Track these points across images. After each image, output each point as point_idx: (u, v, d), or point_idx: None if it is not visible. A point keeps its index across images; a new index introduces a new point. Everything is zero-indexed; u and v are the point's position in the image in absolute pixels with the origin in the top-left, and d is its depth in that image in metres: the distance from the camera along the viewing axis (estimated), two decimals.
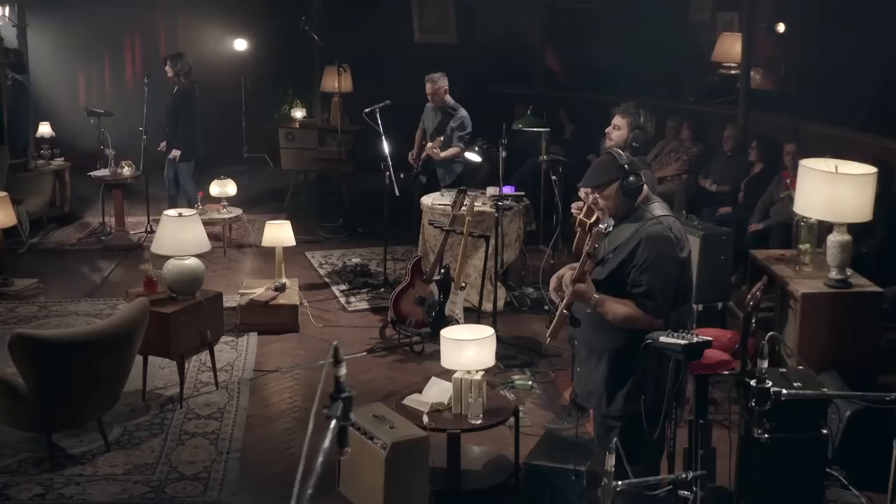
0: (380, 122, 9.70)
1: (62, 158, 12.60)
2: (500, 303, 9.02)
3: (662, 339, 4.31)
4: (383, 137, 9.66)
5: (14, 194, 11.42)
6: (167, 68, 11.47)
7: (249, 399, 7.28)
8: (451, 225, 8.29)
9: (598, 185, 4.83)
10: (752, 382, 3.24)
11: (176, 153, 11.61)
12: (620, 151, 4.89)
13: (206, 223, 10.86)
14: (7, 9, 13.72)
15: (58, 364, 5.86)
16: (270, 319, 8.57)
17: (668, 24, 13.26)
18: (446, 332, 5.80)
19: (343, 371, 2.81)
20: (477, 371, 5.69)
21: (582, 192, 5.44)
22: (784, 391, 3.15)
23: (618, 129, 6.63)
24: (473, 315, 8.40)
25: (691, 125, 11.62)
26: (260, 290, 8.76)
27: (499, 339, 8.07)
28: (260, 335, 8.51)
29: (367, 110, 9.85)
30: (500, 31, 13.91)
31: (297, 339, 8.48)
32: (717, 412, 6.71)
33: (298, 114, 13.96)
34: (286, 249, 9.22)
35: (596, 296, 4.67)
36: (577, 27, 14.45)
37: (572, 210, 6.76)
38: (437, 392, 5.92)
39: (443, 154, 9.59)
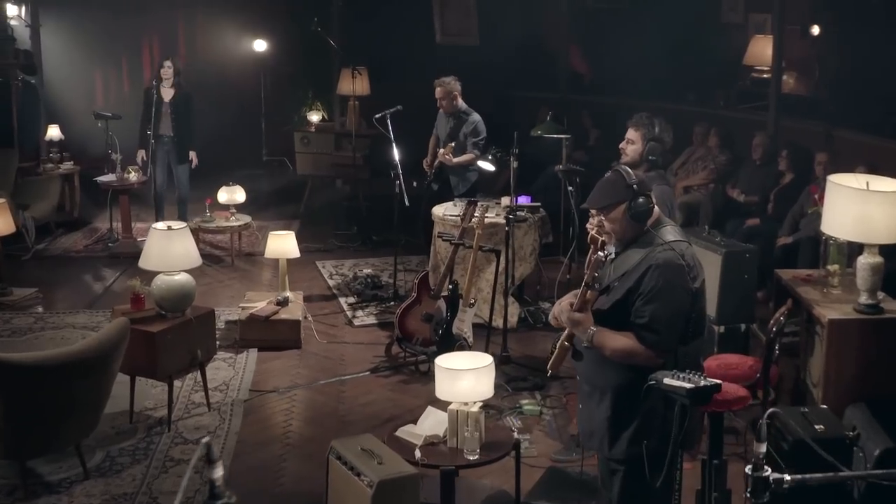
0: (390, 128, 9.29)
1: (71, 162, 12.28)
2: (514, 319, 8.62)
3: (667, 380, 3.89)
4: (394, 144, 9.27)
5: (20, 199, 11.19)
6: (167, 70, 11.10)
7: (242, 422, 6.89)
8: (461, 238, 7.88)
9: (604, 206, 4.41)
10: (748, 469, 2.80)
11: (194, 155, 11.34)
12: (629, 170, 4.45)
13: (213, 231, 10.68)
14: (23, 8, 13.46)
15: (28, 388, 5.50)
16: (271, 335, 8.19)
17: (699, 25, 12.82)
18: (441, 361, 5.39)
19: (219, 472, 2.34)
20: (474, 403, 5.28)
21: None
22: (787, 478, 2.70)
23: (632, 144, 6.18)
24: (484, 332, 8.00)
25: (719, 132, 11.13)
26: (261, 304, 8.39)
27: (509, 359, 7.75)
28: (260, 351, 8.13)
29: (377, 116, 9.46)
30: (524, 32, 13.48)
31: (298, 357, 8.10)
32: (736, 443, 6.28)
33: (315, 117, 13.59)
34: (296, 259, 8.87)
35: (592, 328, 4.26)
36: (605, 28, 13.96)
37: (587, 226, 6.34)
38: (432, 423, 5.51)
39: (456, 160, 9.17)
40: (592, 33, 14.21)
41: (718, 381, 3.84)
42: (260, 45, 15.54)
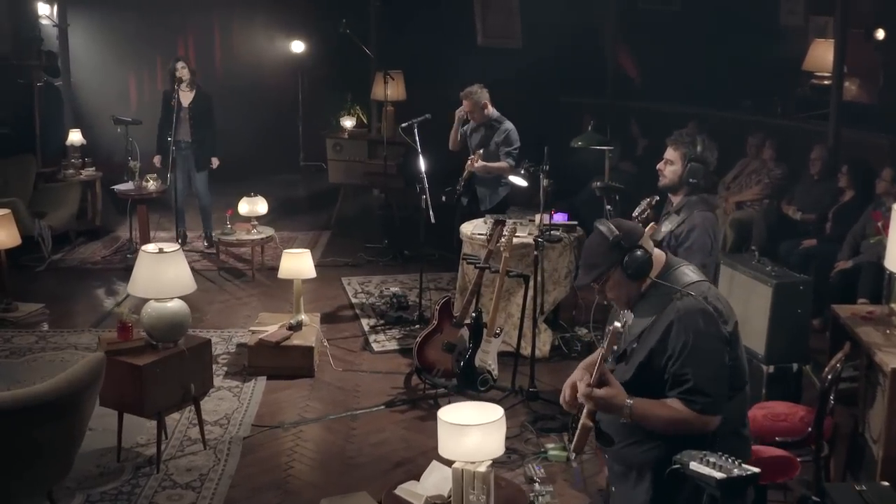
0: (417, 138, 8.65)
1: (93, 168, 11.76)
2: (546, 348, 7.97)
3: (694, 465, 3.23)
4: (421, 156, 8.62)
5: (37, 207, 10.76)
6: (182, 70, 10.55)
7: (239, 463, 6.27)
8: (487, 261, 7.23)
9: (596, 278, 3.77)
10: None
11: (216, 161, 10.81)
12: (609, 224, 3.77)
13: (233, 244, 10.10)
14: (55, 8, 13.01)
15: None
16: (282, 362, 7.58)
17: (756, 27, 12.07)
18: (444, 414, 4.73)
19: None
20: (481, 462, 4.62)
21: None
22: None
23: (671, 164, 5.53)
24: (512, 360, 7.34)
25: (775, 144, 10.35)
26: (273, 328, 7.78)
27: (537, 395, 7.08)
28: (270, 380, 7.53)
29: (403, 125, 8.83)
30: (569, 34, 12.78)
31: (310, 386, 7.48)
32: (784, 500, 5.58)
33: (348, 123, 12.95)
34: (321, 274, 8.31)
35: (629, 401, 3.59)
36: (655, 30, 13.22)
37: None
38: (437, 480, 4.88)
39: (489, 165, 8.51)
40: (641, 35, 13.47)
41: (756, 470, 3.17)
42: (297, 46, 15.04)
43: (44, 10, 12.90)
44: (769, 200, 10.01)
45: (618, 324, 3.57)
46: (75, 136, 11.68)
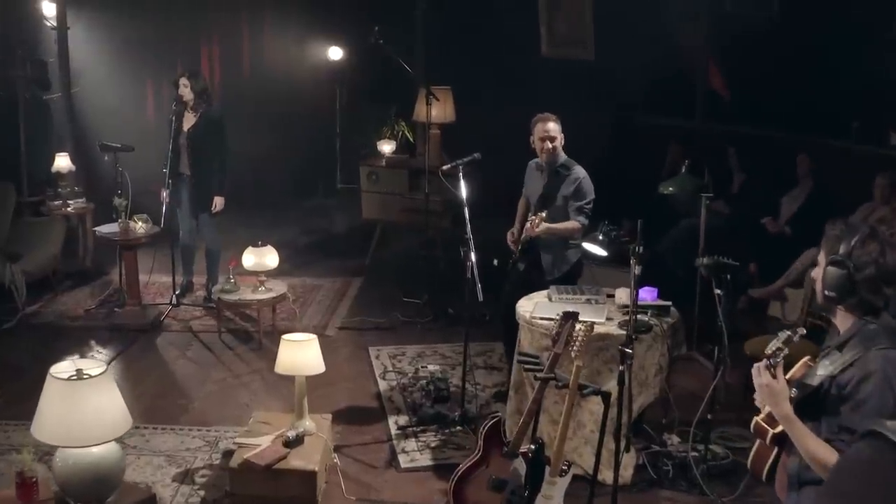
0: (463, 185, 6.68)
1: (83, 199, 9.94)
2: (629, 471, 5.98)
3: None
4: (466, 209, 6.63)
5: (12, 247, 9.08)
6: (184, 89, 8.73)
7: None
8: (552, 369, 5.24)
9: None
10: None
11: (220, 202, 8.92)
12: None
13: (235, 305, 8.27)
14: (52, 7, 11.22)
15: None
16: (274, 491, 5.61)
17: (864, 39, 10.09)
18: None
19: None
20: None
21: None
22: None
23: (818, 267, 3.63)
24: (583, 489, 5.34)
25: None
26: (266, 440, 5.86)
27: None
28: None
29: (444, 168, 6.97)
30: (650, 44, 10.79)
31: None
32: None
33: (386, 148, 11.01)
34: (344, 341, 6.54)
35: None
36: (751, 40, 11.19)
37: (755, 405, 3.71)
38: None
39: (555, 227, 6.56)
40: (731, 46, 11.45)
41: None
42: (335, 53, 13.23)
43: (49, 10, 11.11)
44: None
45: None
46: (62, 162, 9.86)
